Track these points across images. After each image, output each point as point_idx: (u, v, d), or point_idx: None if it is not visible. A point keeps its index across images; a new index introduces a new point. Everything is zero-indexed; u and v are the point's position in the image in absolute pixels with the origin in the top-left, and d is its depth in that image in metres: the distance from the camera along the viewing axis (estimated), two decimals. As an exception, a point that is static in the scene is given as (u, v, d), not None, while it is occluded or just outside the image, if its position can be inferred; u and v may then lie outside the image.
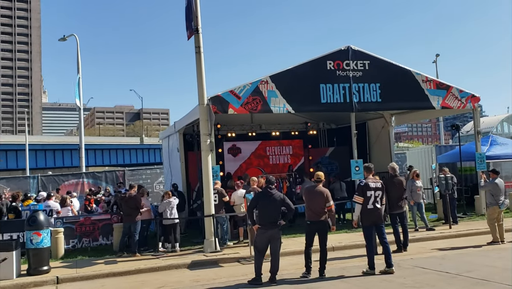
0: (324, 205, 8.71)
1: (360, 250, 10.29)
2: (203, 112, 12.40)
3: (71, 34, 27.37)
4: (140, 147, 69.12)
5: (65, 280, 9.80)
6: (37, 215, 10.50)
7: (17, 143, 56.74)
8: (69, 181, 21.30)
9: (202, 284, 8.84)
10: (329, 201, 8.75)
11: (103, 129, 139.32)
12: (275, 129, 19.61)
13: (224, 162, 18.08)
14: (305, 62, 14.04)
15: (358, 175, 14.02)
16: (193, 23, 12.50)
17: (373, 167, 9.24)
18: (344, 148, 18.80)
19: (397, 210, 10.99)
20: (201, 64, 12.48)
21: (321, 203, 8.71)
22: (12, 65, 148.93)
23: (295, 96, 13.67)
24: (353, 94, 14.12)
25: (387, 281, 8.07)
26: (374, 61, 14.57)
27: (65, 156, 61.55)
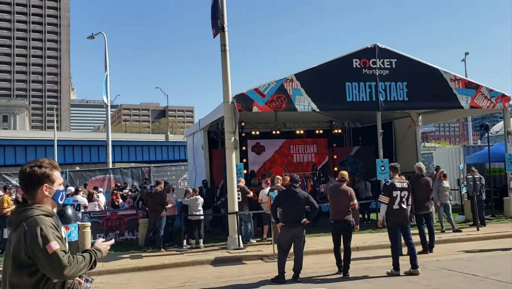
0: (348, 204, 8.71)
1: (385, 250, 10.19)
2: (228, 110, 12.46)
3: (99, 32, 27.82)
4: (165, 144, 69.87)
5: (92, 274, 9.91)
6: (66, 209, 10.74)
7: (46, 139, 58.11)
8: (96, 176, 21.71)
9: (225, 281, 8.90)
10: (353, 199, 8.75)
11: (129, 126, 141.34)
12: (300, 127, 19.52)
13: (248, 160, 18.13)
14: (331, 60, 13.93)
15: (383, 174, 13.87)
16: (219, 21, 12.58)
17: (400, 166, 9.13)
18: (370, 147, 18.60)
19: (423, 210, 10.83)
20: (226, 62, 12.55)
21: (345, 202, 8.72)
22: (42, 63, 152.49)
23: (320, 94, 13.59)
24: (379, 93, 13.95)
25: (412, 282, 7.97)
26: (401, 60, 14.36)
27: (92, 152, 62.76)
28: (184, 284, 8.90)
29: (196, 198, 12.75)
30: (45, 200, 2.79)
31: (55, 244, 2.62)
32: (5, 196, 13.97)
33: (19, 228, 2.67)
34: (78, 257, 2.74)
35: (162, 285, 8.89)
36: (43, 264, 2.60)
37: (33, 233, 2.61)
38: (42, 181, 2.77)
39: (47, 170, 2.80)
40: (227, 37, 12.60)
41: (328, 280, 8.36)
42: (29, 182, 2.78)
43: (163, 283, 9.06)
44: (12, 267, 2.64)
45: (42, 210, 2.73)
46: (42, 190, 2.78)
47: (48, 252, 2.59)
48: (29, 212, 2.70)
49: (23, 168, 2.79)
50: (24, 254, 2.61)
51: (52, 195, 2.82)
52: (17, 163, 57.03)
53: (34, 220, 2.65)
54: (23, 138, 59.68)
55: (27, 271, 2.61)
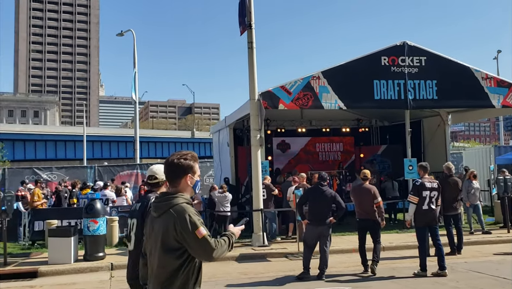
0: (372, 202, 8.68)
1: (411, 251, 10.05)
2: (254, 107, 12.48)
3: (128, 30, 28.15)
4: (191, 141, 70.50)
5: (119, 267, 10.16)
6: (94, 204, 10.96)
7: (76, 134, 59.33)
8: (124, 172, 22.04)
9: (250, 277, 8.94)
10: (376, 197, 8.75)
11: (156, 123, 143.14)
12: (326, 125, 19.40)
13: (273, 157, 18.12)
14: (359, 57, 13.79)
15: (411, 174, 13.67)
16: (246, 18, 12.59)
17: (429, 166, 9.00)
18: (397, 146, 18.35)
19: (451, 211, 10.62)
20: (253, 60, 12.56)
21: (369, 200, 8.71)
22: (72, 60, 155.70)
23: (348, 92, 13.46)
24: (408, 91, 13.73)
25: (440, 283, 7.84)
26: (431, 57, 14.09)
27: (120, 147, 63.84)
28: (209, 279, 8.97)
29: (226, 194, 12.84)
30: (187, 189, 3.05)
31: (204, 229, 2.87)
32: (36, 189, 14.35)
33: (165, 215, 2.90)
34: (221, 240, 2.97)
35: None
36: (193, 247, 2.85)
37: (182, 219, 2.85)
38: (186, 171, 3.03)
39: (191, 162, 3.06)
40: (254, 35, 12.61)
41: (353, 280, 8.31)
42: (175, 172, 3.03)
43: (189, 278, 9.13)
44: (160, 249, 2.88)
45: (185, 198, 2.98)
46: (186, 180, 3.03)
47: (198, 237, 2.83)
48: (174, 200, 2.94)
49: (170, 159, 3.05)
50: (172, 239, 2.85)
51: (192, 185, 3.08)
52: (47, 158, 58.53)
53: (181, 208, 2.90)
54: (53, 134, 61.14)
55: (175, 254, 2.86)
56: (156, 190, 4.08)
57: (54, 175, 21.41)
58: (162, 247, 2.87)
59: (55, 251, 10.32)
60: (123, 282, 8.92)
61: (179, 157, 3.04)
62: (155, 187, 4.13)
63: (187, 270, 2.89)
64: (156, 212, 2.98)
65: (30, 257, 11.34)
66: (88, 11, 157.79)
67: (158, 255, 2.90)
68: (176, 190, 3.02)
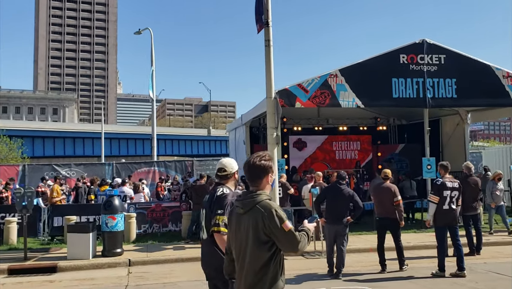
0: (392, 200, 8.69)
1: (429, 251, 9.95)
2: (270, 105, 12.43)
3: (145, 28, 28.36)
4: (207, 138, 70.82)
5: (137, 263, 10.28)
6: (113, 200, 11.07)
7: (94, 132, 60.01)
8: (141, 169, 22.24)
9: (267, 275, 8.93)
10: (396, 196, 8.75)
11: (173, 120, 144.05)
12: (343, 123, 19.27)
13: (289, 156, 18.07)
14: (377, 55, 13.67)
15: (429, 173, 13.52)
16: (263, 16, 12.55)
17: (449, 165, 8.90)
18: (416, 145, 18.16)
19: (471, 211, 10.47)
20: (270, 58, 12.50)
21: (389, 199, 8.71)
22: (90, 58, 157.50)
23: (365, 90, 13.36)
24: (427, 89, 13.57)
25: (458, 284, 7.75)
26: (451, 55, 13.90)
27: (138, 145, 64.44)
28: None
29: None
30: (267, 187, 3.30)
31: (289, 223, 3.11)
32: (55, 185, 14.56)
33: (252, 211, 3.13)
34: (302, 234, 3.19)
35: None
36: (281, 240, 3.07)
37: (270, 214, 3.07)
38: (267, 171, 3.28)
39: (270, 162, 3.32)
40: (271, 33, 12.56)
41: (371, 280, 8.25)
42: (257, 173, 3.26)
43: (205, 275, 9.18)
44: (253, 243, 3.10)
45: (267, 196, 3.22)
46: (267, 179, 3.28)
47: (285, 230, 3.06)
48: (258, 197, 3.17)
49: (252, 161, 3.28)
50: (262, 232, 3.07)
51: (271, 183, 3.33)
52: (65, 154, 59.34)
53: (266, 204, 3.13)
54: (71, 131, 61.95)
55: (265, 247, 3.08)
56: (225, 182, 4.26)
57: (72, 172, 21.70)
58: (254, 241, 3.09)
59: (74, 246, 10.47)
60: (141, 278, 9.04)
61: (260, 159, 3.28)
62: (224, 179, 4.28)
63: (277, 261, 3.12)
64: (243, 209, 3.20)
65: (50, 252, 11.52)
66: (106, 9, 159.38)
67: (250, 248, 3.11)
68: (258, 188, 3.25)
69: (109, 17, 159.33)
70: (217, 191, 4.11)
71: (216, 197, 4.06)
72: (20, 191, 11.28)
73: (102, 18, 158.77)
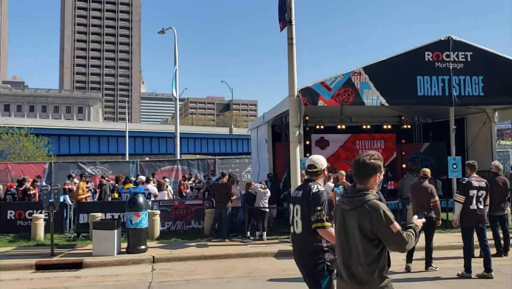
0: (429, 200, 8.73)
1: (455, 251, 9.80)
2: (293, 104, 12.40)
3: (169, 27, 28.62)
4: (229, 137, 71.06)
5: (160, 260, 10.39)
6: (137, 198, 11.20)
7: (118, 130, 60.91)
8: (164, 167, 22.46)
9: (289, 274, 8.91)
10: (434, 196, 8.79)
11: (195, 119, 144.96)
12: (366, 122, 19.09)
13: (311, 154, 17.95)
14: (401, 53, 13.47)
15: (455, 172, 13.28)
16: (286, 14, 12.52)
17: (477, 164, 8.74)
18: (441, 144, 17.86)
19: (498, 212, 10.21)
20: (292, 56, 12.48)
21: (426, 199, 8.75)
22: (114, 57, 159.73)
23: (390, 88, 13.18)
24: (452, 87, 13.32)
25: (485, 286, 7.61)
26: (477, 53, 13.61)
27: (161, 143, 65.11)
28: (249, 274, 9.03)
29: (266, 191, 12.88)
30: (374, 186, 3.34)
31: (397, 224, 3.17)
32: (80, 183, 14.82)
33: (360, 209, 3.22)
34: (409, 233, 3.26)
35: (227, 274, 9.08)
36: (388, 240, 3.16)
37: (377, 215, 3.16)
38: (376, 170, 3.33)
39: (379, 162, 3.36)
40: (294, 31, 12.53)
41: (396, 280, 8.13)
42: (366, 171, 3.33)
43: (228, 272, 9.24)
44: (361, 239, 3.20)
45: (375, 195, 3.28)
46: (375, 178, 3.34)
47: (393, 231, 3.14)
48: (366, 196, 3.25)
49: (361, 159, 3.35)
50: (369, 231, 3.16)
51: (378, 183, 3.38)
52: (90, 152, 60.38)
53: (374, 203, 3.21)
54: (96, 129, 62.97)
55: (373, 243, 3.18)
56: (315, 179, 4.40)
57: (98, 169, 22.06)
58: (362, 237, 3.19)
59: (99, 243, 10.64)
60: (165, 275, 9.13)
61: (369, 157, 3.34)
62: (314, 176, 4.41)
63: (383, 257, 3.22)
64: (350, 206, 3.29)
65: (75, 249, 11.74)
66: (130, 9, 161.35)
67: (357, 244, 3.22)
68: (365, 186, 3.31)
69: (132, 16, 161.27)
70: (312, 188, 4.25)
71: (313, 193, 4.21)
72: (47, 188, 11.51)
73: (126, 18, 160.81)
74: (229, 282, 8.51)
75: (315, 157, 4.50)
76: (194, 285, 8.28)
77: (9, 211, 13.76)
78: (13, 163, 23.69)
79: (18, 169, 21.29)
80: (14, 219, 13.70)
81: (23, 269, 9.86)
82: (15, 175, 20.28)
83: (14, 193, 14.86)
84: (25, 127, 39.11)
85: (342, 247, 3.35)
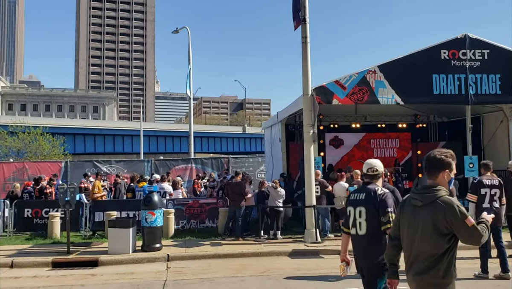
0: None
1: (471, 251, 9.64)
2: (307, 102, 12.38)
3: (183, 27, 28.68)
4: (242, 136, 71.15)
5: (175, 258, 10.44)
6: (152, 196, 11.27)
7: (132, 129, 61.37)
8: (178, 166, 22.54)
9: (303, 273, 8.91)
10: (452, 196, 8.54)
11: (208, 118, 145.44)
12: (381, 121, 18.95)
13: (325, 153, 17.91)
14: (417, 51, 13.34)
15: (472, 172, 13.14)
16: (300, 13, 12.51)
17: (492, 164, 8.60)
18: (457, 143, 17.64)
19: (515, 211, 10.07)
20: (306, 55, 12.46)
21: None
22: (128, 57, 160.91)
23: (405, 87, 13.07)
24: (469, 85, 13.16)
25: (502, 286, 7.51)
26: (494, 50, 13.41)
27: (175, 142, 65.48)
28: (263, 273, 9.03)
29: (279, 190, 12.88)
30: (444, 183, 3.41)
31: (471, 218, 3.23)
32: (96, 181, 14.94)
33: (432, 204, 3.29)
34: (482, 227, 3.32)
35: (241, 273, 9.09)
36: (464, 234, 3.23)
37: (452, 210, 3.23)
38: (445, 167, 3.39)
39: (450, 160, 3.42)
40: (308, 30, 12.50)
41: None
42: (436, 166, 3.40)
43: (242, 271, 9.25)
44: (432, 234, 3.26)
45: (446, 191, 3.36)
46: (444, 175, 3.39)
47: (468, 225, 3.20)
48: (438, 192, 3.33)
49: (432, 154, 3.44)
50: (442, 226, 3.23)
51: (448, 180, 3.43)
52: (106, 151, 60.93)
53: (448, 199, 3.28)
54: (111, 128, 63.53)
55: (445, 239, 3.24)
56: (375, 181, 4.56)
57: (113, 168, 22.21)
58: (434, 232, 3.24)
59: (114, 241, 10.72)
60: (179, 273, 9.17)
61: (441, 154, 3.41)
62: (373, 178, 4.58)
63: (452, 253, 3.27)
64: (421, 202, 3.35)
65: (91, 247, 11.85)
66: (144, 9, 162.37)
67: (427, 239, 3.27)
68: (435, 182, 3.39)
69: (147, 16, 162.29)
70: (376, 190, 4.40)
71: (380, 195, 4.35)
72: (64, 186, 11.64)
73: (140, 18, 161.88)
74: (243, 281, 8.51)
75: (374, 161, 4.67)
76: (208, 284, 8.31)
77: (26, 209, 13.93)
78: (30, 162, 23.97)
79: (35, 167, 21.55)
80: (31, 217, 13.89)
81: (40, 266, 9.98)
82: (31, 173, 20.52)
83: (31, 191, 15.05)
84: (41, 127, 39.57)
85: (410, 243, 3.40)
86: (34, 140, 37.06)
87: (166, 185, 14.86)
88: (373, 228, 4.32)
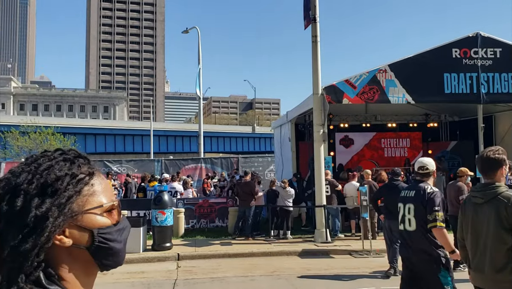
0: (458, 197, 8.73)
1: None
2: (317, 102, 12.34)
3: (193, 27, 28.71)
4: (251, 136, 71.09)
5: (185, 257, 10.47)
6: (163, 196, 11.32)
7: (142, 129, 61.59)
8: (188, 165, 22.59)
9: (314, 273, 8.89)
10: (462, 194, 8.75)
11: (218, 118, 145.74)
12: (392, 120, 18.82)
13: (336, 153, 17.84)
14: (428, 50, 13.26)
15: (483, 171, 12.97)
16: (310, 12, 12.47)
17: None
18: (468, 142, 17.49)
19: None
20: (317, 54, 12.42)
21: (456, 197, 8.80)
22: (138, 57, 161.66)
23: (416, 86, 12.98)
24: (481, 84, 13.03)
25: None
26: (507, 49, 13.26)
27: (185, 142, 65.62)
28: (273, 273, 9.02)
29: (289, 189, 12.86)
30: (501, 179, 3.45)
31: None
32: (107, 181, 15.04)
33: (494, 201, 3.33)
34: None
35: (251, 272, 9.08)
36: None
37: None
38: (501, 164, 3.44)
39: (503, 156, 3.47)
40: (319, 29, 12.46)
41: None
42: (492, 165, 3.45)
43: (252, 270, 9.25)
44: (496, 230, 3.28)
45: (505, 187, 3.40)
46: (501, 171, 3.45)
47: None
48: (498, 188, 3.37)
49: (486, 154, 3.47)
50: (505, 221, 3.26)
51: (504, 176, 3.47)
52: (116, 151, 61.23)
53: (509, 194, 3.31)
54: (121, 128, 63.80)
55: (509, 234, 3.25)
56: (426, 180, 4.61)
57: (123, 168, 22.31)
58: (499, 227, 3.27)
59: (125, 240, 10.75)
60: (189, 273, 9.19)
61: (493, 153, 3.46)
62: (425, 177, 4.64)
63: None
64: (483, 199, 3.41)
65: (102, 245, 11.89)
66: (154, 9, 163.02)
67: (492, 235, 3.30)
68: (493, 180, 3.42)
69: (156, 16, 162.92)
70: (426, 188, 4.46)
71: (428, 194, 4.42)
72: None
73: (150, 18, 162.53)
74: (253, 280, 8.51)
75: (426, 160, 4.72)
76: (219, 283, 8.31)
77: (38, 208, 14.03)
78: (42, 161, 24.16)
79: (47, 167, 21.70)
80: (42, 216, 13.98)
81: (52, 265, 10.05)
82: (43, 173, 20.67)
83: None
84: (52, 127, 39.89)
85: (475, 240, 3.43)
86: (45, 140, 37.38)
87: (177, 185, 14.90)
88: (422, 225, 4.40)
